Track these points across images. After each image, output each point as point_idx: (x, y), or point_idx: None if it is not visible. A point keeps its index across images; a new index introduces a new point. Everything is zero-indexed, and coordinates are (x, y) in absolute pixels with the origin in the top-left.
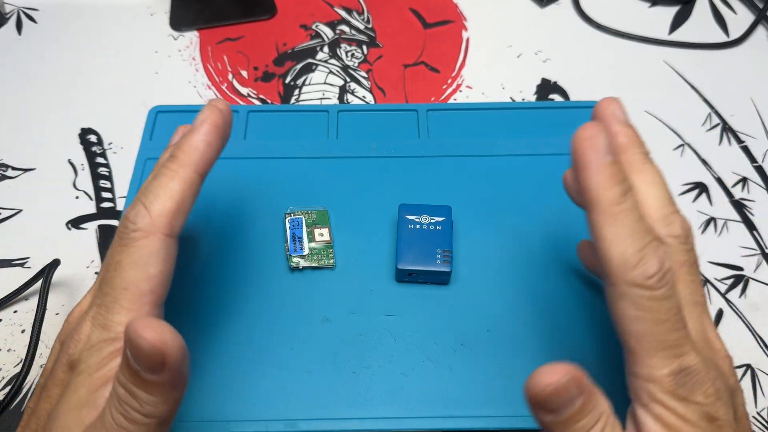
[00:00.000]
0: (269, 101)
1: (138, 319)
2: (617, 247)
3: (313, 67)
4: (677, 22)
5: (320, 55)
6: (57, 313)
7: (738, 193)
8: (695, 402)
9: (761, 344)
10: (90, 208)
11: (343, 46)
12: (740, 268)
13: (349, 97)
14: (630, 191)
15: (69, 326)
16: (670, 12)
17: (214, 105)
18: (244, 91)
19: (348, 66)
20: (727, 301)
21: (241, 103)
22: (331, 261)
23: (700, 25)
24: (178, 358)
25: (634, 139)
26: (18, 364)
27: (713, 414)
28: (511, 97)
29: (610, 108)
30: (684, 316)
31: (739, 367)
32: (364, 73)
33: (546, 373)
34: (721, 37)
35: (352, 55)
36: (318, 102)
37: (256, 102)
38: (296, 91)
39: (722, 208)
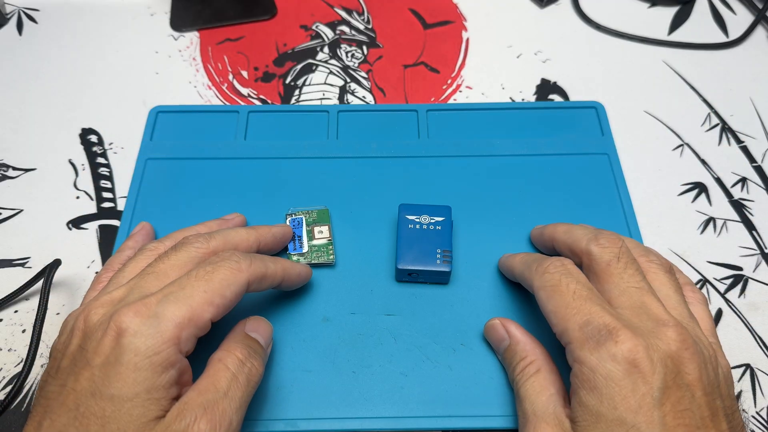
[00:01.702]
0: (269, 101)
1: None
2: (565, 335)
3: (314, 67)
4: (677, 23)
5: (320, 56)
6: (57, 313)
7: (737, 193)
8: (606, 348)
9: (760, 344)
10: (91, 208)
11: (343, 46)
12: (739, 268)
13: (349, 97)
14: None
15: (117, 262)
16: (669, 12)
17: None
18: (244, 91)
19: (348, 66)
20: (727, 301)
21: (242, 103)
22: (331, 257)
23: (699, 26)
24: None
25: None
26: (19, 364)
27: (632, 358)
28: (510, 98)
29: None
30: (586, 295)
31: (739, 366)
32: (364, 74)
33: (489, 320)
34: (721, 38)
35: (352, 55)
36: (318, 102)
37: (257, 102)
38: (296, 92)
39: (721, 208)
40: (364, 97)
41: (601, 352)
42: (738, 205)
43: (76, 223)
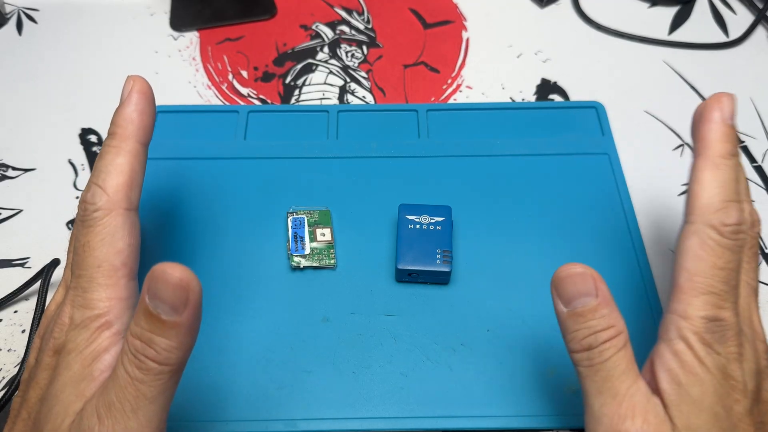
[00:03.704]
0: (269, 101)
1: (160, 264)
2: (709, 190)
3: (313, 67)
4: (677, 23)
5: (320, 56)
6: None
7: None
8: (716, 352)
9: None
10: None
11: (343, 46)
12: None
13: (349, 97)
14: (737, 157)
15: (46, 320)
16: (669, 12)
17: (133, 76)
18: (244, 91)
19: (348, 66)
20: None
21: (241, 103)
22: (332, 261)
23: (699, 26)
24: (199, 296)
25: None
26: (18, 364)
27: (729, 371)
28: (511, 98)
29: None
30: (739, 278)
31: None
32: (364, 74)
33: (567, 264)
34: (721, 38)
35: (352, 55)
36: (318, 102)
37: (257, 102)
38: (296, 91)
39: None
40: (364, 97)
41: (712, 354)
42: None
43: None
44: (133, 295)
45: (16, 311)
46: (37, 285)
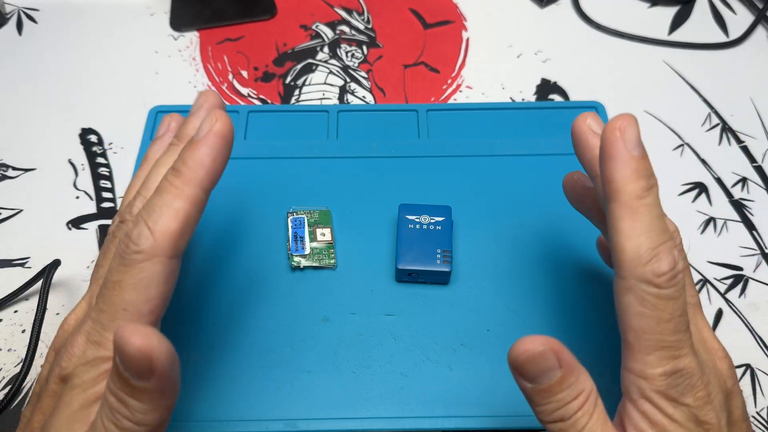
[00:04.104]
0: (269, 101)
1: (125, 324)
2: (632, 241)
3: (313, 67)
4: (677, 23)
5: (320, 56)
6: (57, 313)
7: (737, 193)
8: (684, 404)
9: (761, 344)
10: (90, 208)
11: (343, 46)
12: (740, 268)
13: (349, 97)
14: (654, 187)
15: (63, 334)
16: (669, 12)
17: (219, 113)
18: (244, 91)
19: (348, 66)
20: (727, 301)
21: (241, 103)
22: (332, 261)
23: (699, 26)
24: (166, 363)
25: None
26: (18, 364)
27: (702, 418)
28: (510, 98)
29: (584, 123)
30: (688, 319)
31: (739, 366)
32: (364, 74)
33: (525, 342)
34: (721, 38)
35: (352, 55)
36: (318, 102)
37: (257, 102)
38: (296, 91)
39: (722, 208)
40: (364, 97)
41: (680, 407)
42: (738, 205)
43: (76, 223)
44: None
45: (16, 311)
46: (37, 285)
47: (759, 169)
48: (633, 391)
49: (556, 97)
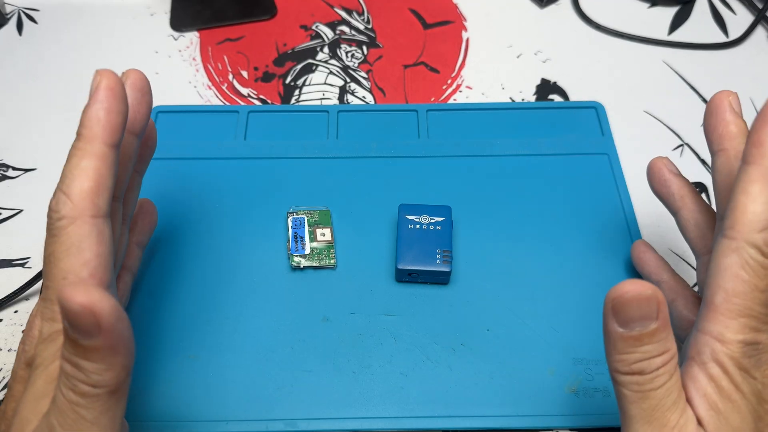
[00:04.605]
0: (269, 101)
1: (66, 285)
2: (756, 205)
3: (313, 67)
4: (676, 23)
5: (320, 56)
6: None
7: None
8: (753, 377)
9: None
10: None
11: (343, 46)
12: None
13: (349, 97)
14: None
15: (28, 327)
16: (669, 12)
17: (102, 71)
18: (244, 91)
19: (348, 66)
20: None
21: (242, 103)
22: (332, 261)
23: (699, 26)
24: (111, 317)
25: (745, 130)
26: None
27: (764, 395)
28: (510, 98)
29: (727, 98)
30: None
31: None
32: (364, 74)
33: (632, 283)
34: (721, 38)
35: (352, 55)
36: (318, 102)
37: (257, 102)
38: (296, 92)
39: None
40: (364, 97)
41: (749, 379)
42: None
43: None
44: None
45: (16, 311)
46: (37, 285)
47: None
48: (705, 353)
49: (556, 98)
